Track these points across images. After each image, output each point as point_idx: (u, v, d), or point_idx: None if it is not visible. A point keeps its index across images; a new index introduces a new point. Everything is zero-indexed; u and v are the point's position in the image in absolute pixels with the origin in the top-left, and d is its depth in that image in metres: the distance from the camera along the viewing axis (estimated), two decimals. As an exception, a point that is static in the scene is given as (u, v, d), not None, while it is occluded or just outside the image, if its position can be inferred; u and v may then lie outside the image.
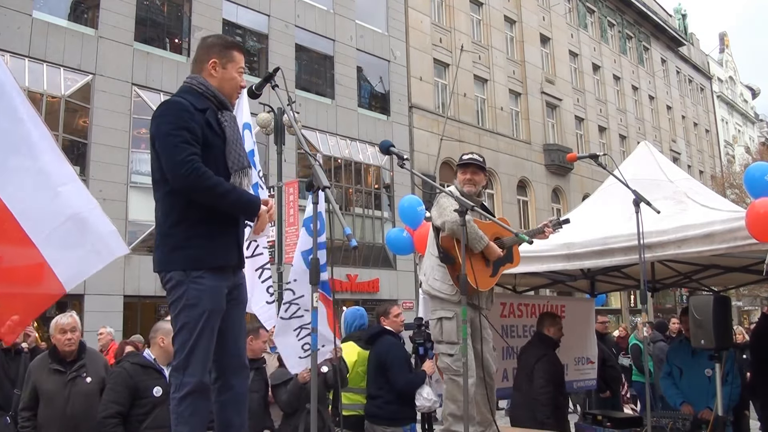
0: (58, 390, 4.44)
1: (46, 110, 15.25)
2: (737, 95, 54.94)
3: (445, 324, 4.07)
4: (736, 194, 28.25)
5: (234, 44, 3.21)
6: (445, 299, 4.11)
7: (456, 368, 3.97)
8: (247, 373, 3.17)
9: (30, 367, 4.69)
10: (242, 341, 3.18)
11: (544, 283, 7.81)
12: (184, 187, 2.83)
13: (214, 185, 2.83)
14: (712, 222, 4.61)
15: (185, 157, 2.80)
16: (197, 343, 2.84)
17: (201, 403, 2.86)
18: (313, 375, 2.91)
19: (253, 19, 20.07)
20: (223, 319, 3.00)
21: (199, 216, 2.89)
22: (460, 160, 4.47)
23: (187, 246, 2.89)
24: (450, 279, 4.06)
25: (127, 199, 16.34)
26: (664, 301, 32.48)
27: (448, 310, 4.07)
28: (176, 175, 2.82)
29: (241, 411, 3.08)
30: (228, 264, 2.99)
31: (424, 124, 24.08)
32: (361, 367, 5.50)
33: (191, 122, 2.88)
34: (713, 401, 5.24)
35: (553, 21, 32.03)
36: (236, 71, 3.10)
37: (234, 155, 3.00)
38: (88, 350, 4.75)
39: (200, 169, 2.81)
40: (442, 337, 4.09)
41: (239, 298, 3.13)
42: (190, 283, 2.86)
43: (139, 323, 15.91)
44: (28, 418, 4.42)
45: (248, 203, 2.96)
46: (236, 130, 3.08)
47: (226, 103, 3.10)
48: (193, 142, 2.85)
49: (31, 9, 15.44)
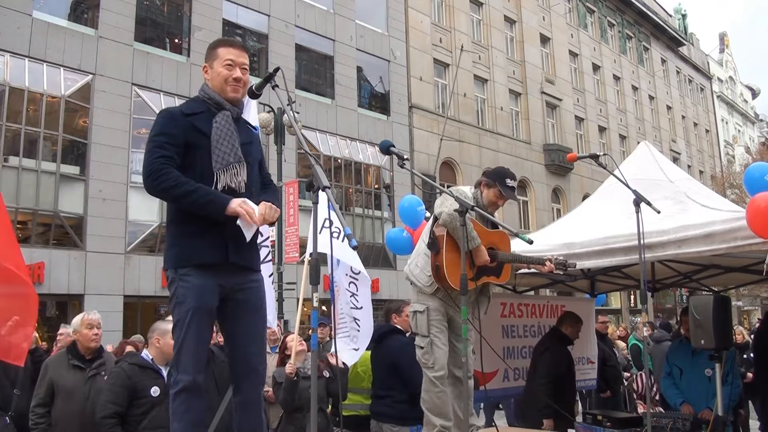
0: (77, 386, 4.49)
1: (46, 110, 15.26)
2: (737, 95, 54.94)
3: (418, 317, 4.13)
4: (736, 194, 28.25)
5: (218, 42, 3.23)
6: (418, 288, 4.16)
7: (425, 361, 4.05)
8: (257, 379, 3.10)
9: (47, 363, 4.70)
10: (253, 346, 3.09)
11: (545, 283, 7.80)
12: (147, 188, 2.95)
13: (170, 186, 2.87)
14: (712, 222, 4.60)
15: (152, 160, 2.91)
16: (185, 340, 2.87)
17: (194, 401, 2.87)
18: (313, 375, 2.91)
19: (253, 19, 20.07)
20: (231, 324, 3.03)
21: (185, 215, 2.96)
22: (502, 180, 4.21)
23: (175, 244, 2.99)
24: (429, 270, 4.07)
25: (127, 199, 16.33)
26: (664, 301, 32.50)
27: (421, 303, 4.13)
28: (143, 177, 2.95)
29: (251, 415, 3.06)
30: (213, 262, 2.94)
31: (424, 124, 24.08)
32: (362, 367, 5.49)
33: (172, 128, 2.97)
34: (713, 401, 5.24)
35: (553, 21, 32.02)
36: (222, 66, 3.10)
37: (218, 153, 2.98)
38: (105, 350, 4.82)
39: (160, 171, 2.88)
40: (417, 329, 4.15)
41: (247, 301, 3.06)
42: (179, 281, 2.93)
43: (139, 323, 15.92)
44: (42, 414, 4.43)
45: (208, 203, 2.88)
46: (227, 128, 3.04)
47: (222, 102, 3.10)
48: (167, 146, 2.93)
49: (31, 9, 15.44)
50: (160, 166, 2.88)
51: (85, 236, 15.54)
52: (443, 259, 3.97)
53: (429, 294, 4.10)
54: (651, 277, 7.00)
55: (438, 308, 4.10)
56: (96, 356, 4.68)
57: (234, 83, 3.10)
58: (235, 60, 3.11)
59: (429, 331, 4.05)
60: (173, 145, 2.94)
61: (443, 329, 4.10)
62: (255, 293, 3.12)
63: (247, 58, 3.19)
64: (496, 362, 6.24)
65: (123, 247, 16.17)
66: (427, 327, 4.06)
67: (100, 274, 15.38)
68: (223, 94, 3.11)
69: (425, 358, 4.06)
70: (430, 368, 4.04)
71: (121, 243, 16.12)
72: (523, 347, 6.70)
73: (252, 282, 3.11)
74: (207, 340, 3.00)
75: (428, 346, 4.04)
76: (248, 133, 3.25)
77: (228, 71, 3.09)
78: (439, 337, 4.07)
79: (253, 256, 3.16)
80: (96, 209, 15.74)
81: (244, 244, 3.03)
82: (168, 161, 2.90)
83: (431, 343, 4.03)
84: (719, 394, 5.07)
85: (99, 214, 15.74)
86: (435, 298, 4.09)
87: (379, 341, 5.33)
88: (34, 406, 4.50)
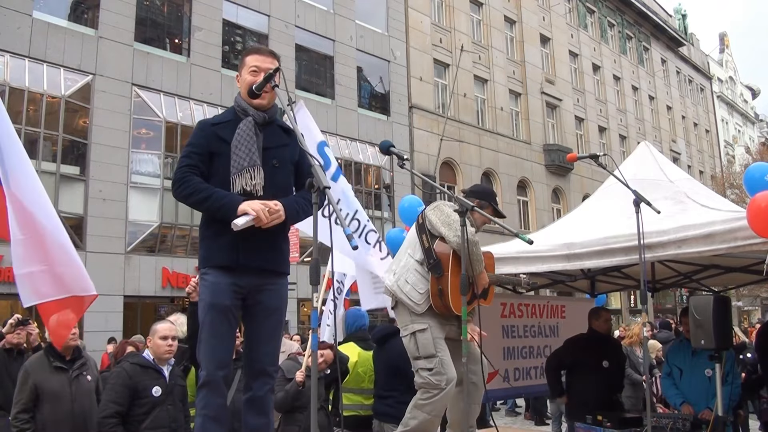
0: (63, 388, 4.44)
1: (46, 110, 15.27)
2: (737, 95, 54.94)
3: (419, 337, 3.79)
4: (736, 194, 28.24)
5: (248, 50, 3.33)
6: (406, 305, 3.84)
7: (437, 382, 3.70)
8: (265, 379, 3.16)
9: (26, 368, 4.51)
10: (266, 347, 3.16)
11: (545, 283, 7.80)
12: (174, 196, 3.18)
13: (189, 194, 3.03)
14: (712, 222, 4.60)
15: (178, 169, 3.10)
16: (203, 337, 3.02)
17: (212, 398, 2.99)
18: (313, 375, 2.91)
19: (253, 19, 20.08)
20: (248, 323, 3.16)
21: (207, 219, 3.14)
22: (495, 201, 4.17)
23: (201, 246, 3.18)
24: (422, 287, 3.80)
25: (127, 199, 16.34)
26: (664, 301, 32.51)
27: (419, 323, 3.80)
28: (172, 185, 3.19)
29: (258, 413, 3.13)
30: (226, 264, 3.01)
31: (424, 124, 24.08)
32: (362, 368, 5.49)
33: (199, 138, 3.16)
34: (713, 401, 5.24)
35: (553, 21, 32.02)
36: (248, 73, 3.19)
37: (234, 158, 3.07)
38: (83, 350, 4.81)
39: (183, 180, 3.05)
40: (419, 351, 3.79)
41: (265, 303, 3.13)
42: (201, 281, 3.10)
43: (139, 323, 15.92)
44: (27, 420, 4.32)
45: (221, 207, 2.98)
46: (246, 133, 3.10)
47: (247, 108, 3.17)
48: (192, 155, 3.10)
49: (31, 9, 15.44)
50: (183, 175, 3.05)
51: (85, 236, 15.53)
52: (448, 284, 3.72)
53: (420, 313, 3.80)
54: (651, 277, 7.00)
55: (438, 327, 3.81)
56: (76, 356, 4.63)
57: (253, 85, 3.14)
58: (260, 66, 3.16)
59: (436, 350, 3.74)
60: (198, 154, 3.10)
61: (447, 349, 3.80)
62: (272, 295, 3.16)
63: (273, 63, 3.20)
64: (497, 363, 6.25)
65: (123, 247, 16.18)
66: (434, 345, 3.75)
67: (100, 275, 15.30)
68: (247, 99, 3.18)
69: (437, 379, 3.70)
70: (443, 389, 3.69)
71: (121, 243, 16.13)
72: (523, 347, 6.70)
73: (270, 284, 3.15)
74: (225, 337, 3.05)
75: (439, 366, 3.71)
76: (278, 136, 3.24)
77: (252, 77, 3.16)
78: (446, 359, 3.75)
79: (273, 259, 3.15)
80: (96, 209, 15.74)
81: (261, 247, 3.07)
82: (191, 169, 3.06)
83: (441, 362, 3.71)
84: (719, 394, 5.06)
85: (99, 214, 15.75)
86: (431, 316, 3.80)
87: (382, 343, 5.32)
88: (18, 413, 4.32)
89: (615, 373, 6.29)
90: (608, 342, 6.45)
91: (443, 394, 3.70)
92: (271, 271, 3.15)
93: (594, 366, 6.07)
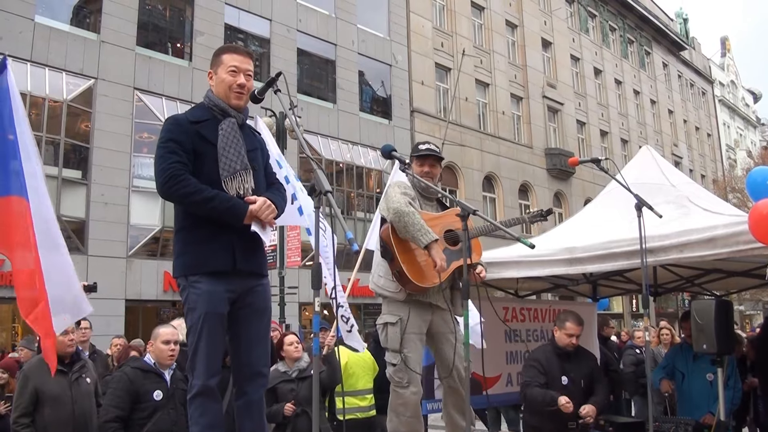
0: (63, 391, 4.43)
1: (48, 114, 15.28)
2: (739, 99, 54.91)
3: (389, 329, 3.76)
4: (738, 198, 28.23)
5: (223, 49, 3.24)
6: (389, 297, 3.81)
7: (398, 379, 3.68)
8: (261, 381, 3.14)
9: (25, 371, 4.53)
10: (258, 349, 3.11)
11: (546, 288, 7.79)
12: (164, 194, 2.96)
13: (191, 192, 2.89)
14: (714, 226, 4.60)
15: (168, 165, 2.91)
16: (198, 345, 2.91)
17: (209, 405, 2.92)
18: (314, 377, 2.91)
19: (255, 23, 20.11)
20: (236, 327, 3.06)
21: (194, 223, 2.98)
22: (417, 150, 4.10)
23: (185, 252, 3.00)
24: (391, 275, 3.76)
25: (128, 203, 16.36)
26: (665, 305, 32.42)
27: (393, 314, 3.77)
28: (158, 183, 2.95)
29: (254, 417, 3.09)
30: (221, 269, 2.96)
31: (426, 128, 24.08)
32: (353, 369, 5.52)
33: (179, 134, 2.98)
34: (715, 406, 5.22)
35: (555, 25, 32.06)
36: (226, 72, 3.11)
37: (224, 161, 3.00)
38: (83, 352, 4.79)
39: (179, 177, 2.89)
40: (387, 344, 3.77)
41: (255, 305, 3.10)
42: (190, 288, 2.95)
43: (141, 327, 15.91)
44: (27, 424, 4.32)
45: (229, 209, 2.92)
46: (233, 135, 3.05)
47: (227, 109, 3.11)
48: (179, 151, 2.94)
49: (34, 13, 15.47)
50: (177, 172, 2.90)
51: (87, 240, 15.54)
52: (400, 263, 3.67)
53: (401, 301, 3.76)
54: (653, 281, 7.00)
55: (414, 321, 3.73)
56: (76, 359, 4.62)
57: (238, 90, 3.11)
58: (239, 66, 3.11)
59: (401, 347, 3.68)
60: (185, 152, 2.96)
61: (418, 347, 3.75)
62: (260, 296, 3.14)
63: (251, 64, 3.19)
64: (499, 366, 6.24)
65: (125, 251, 16.18)
66: (400, 342, 3.69)
67: (101, 278, 15.27)
68: (227, 101, 3.12)
69: (398, 376, 3.68)
70: (404, 387, 3.67)
71: (122, 247, 16.13)
72: (525, 352, 6.68)
73: (257, 286, 3.13)
74: (219, 345, 3.01)
75: (401, 363, 3.67)
76: (253, 139, 3.25)
77: (232, 78, 3.10)
78: (412, 357, 3.68)
79: (260, 262, 3.17)
80: (98, 213, 15.75)
81: (252, 249, 3.05)
82: (184, 167, 2.93)
83: (406, 359, 3.66)
84: (722, 399, 5.06)
85: (101, 218, 15.75)
86: (409, 307, 3.75)
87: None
88: (18, 417, 4.32)
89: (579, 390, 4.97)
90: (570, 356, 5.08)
91: (408, 394, 3.68)
92: (258, 273, 3.15)
93: (552, 384, 4.94)
